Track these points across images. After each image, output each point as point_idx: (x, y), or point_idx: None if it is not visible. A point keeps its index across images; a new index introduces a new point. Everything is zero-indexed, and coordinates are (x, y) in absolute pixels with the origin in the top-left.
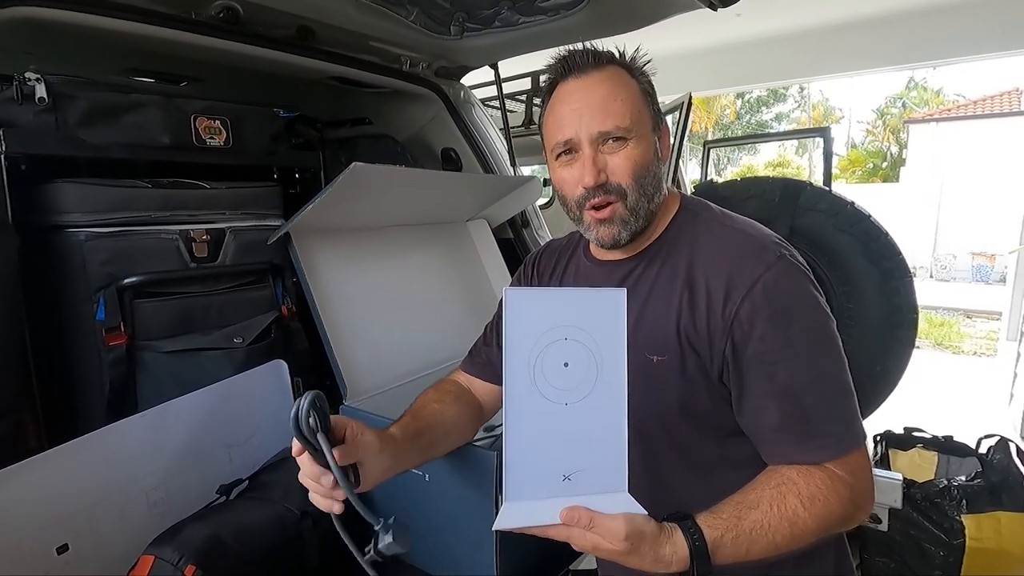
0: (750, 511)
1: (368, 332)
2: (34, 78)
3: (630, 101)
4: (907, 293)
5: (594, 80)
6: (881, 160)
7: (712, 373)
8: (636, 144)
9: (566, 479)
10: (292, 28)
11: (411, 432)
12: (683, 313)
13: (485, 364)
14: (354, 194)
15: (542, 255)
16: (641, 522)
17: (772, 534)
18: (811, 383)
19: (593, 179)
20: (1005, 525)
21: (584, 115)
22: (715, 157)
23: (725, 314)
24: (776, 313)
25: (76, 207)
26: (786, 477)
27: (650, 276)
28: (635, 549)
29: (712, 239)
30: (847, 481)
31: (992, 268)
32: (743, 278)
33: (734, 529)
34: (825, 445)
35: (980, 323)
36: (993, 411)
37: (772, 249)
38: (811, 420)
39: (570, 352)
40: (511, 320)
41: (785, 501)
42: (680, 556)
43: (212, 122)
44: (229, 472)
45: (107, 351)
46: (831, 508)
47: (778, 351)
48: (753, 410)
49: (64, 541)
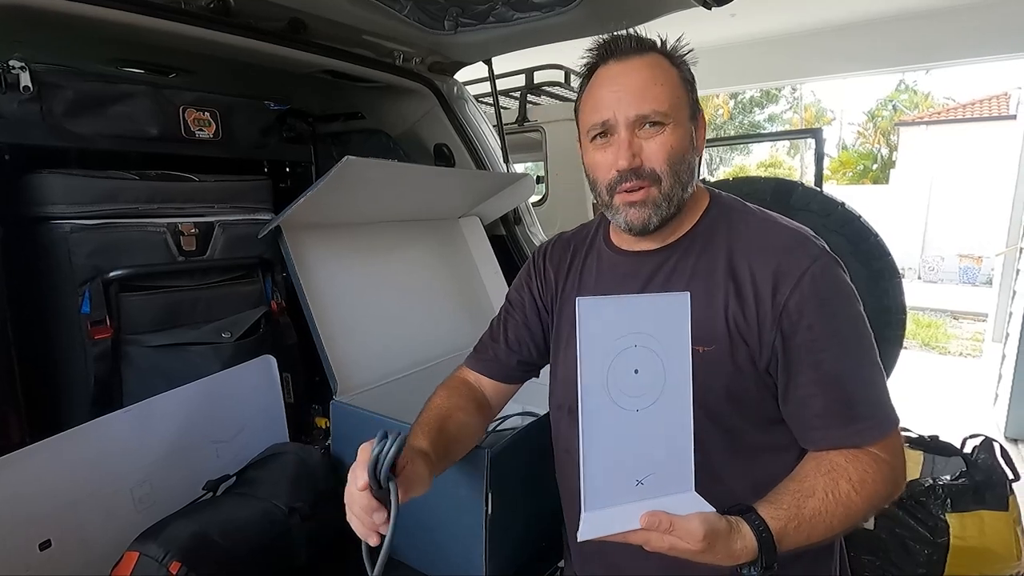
0: (808, 499)
1: (359, 328)
2: (18, 66)
3: (670, 87)
4: (896, 294)
5: (635, 65)
6: (871, 162)
7: (760, 363)
8: (673, 131)
9: (639, 484)
10: (284, 20)
11: (441, 450)
12: (731, 303)
13: (493, 362)
14: (346, 188)
15: (553, 247)
16: (714, 520)
17: (830, 519)
18: (854, 370)
19: (628, 162)
20: (988, 524)
21: (623, 98)
22: (708, 157)
23: (775, 305)
24: (822, 303)
25: (61, 198)
26: (835, 464)
27: (686, 267)
28: (711, 547)
29: (752, 232)
30: (889, 462)
31: (979, 270)
32: (791, 270)
33: (796, 518)
34: (868, 428)
35: (966, 324)
36: (978, 411)
37: (815, 242)
38: (854, 405)
39: (640, 358)
40: (585, 331)
41: (838, 487)
42: (749, 548)
43: (201, 114)
44: (216, 468)
45: (92, 345)
46: (878, 489)
47: (824, 340)
48: (799, 398)
49: (47, 537)
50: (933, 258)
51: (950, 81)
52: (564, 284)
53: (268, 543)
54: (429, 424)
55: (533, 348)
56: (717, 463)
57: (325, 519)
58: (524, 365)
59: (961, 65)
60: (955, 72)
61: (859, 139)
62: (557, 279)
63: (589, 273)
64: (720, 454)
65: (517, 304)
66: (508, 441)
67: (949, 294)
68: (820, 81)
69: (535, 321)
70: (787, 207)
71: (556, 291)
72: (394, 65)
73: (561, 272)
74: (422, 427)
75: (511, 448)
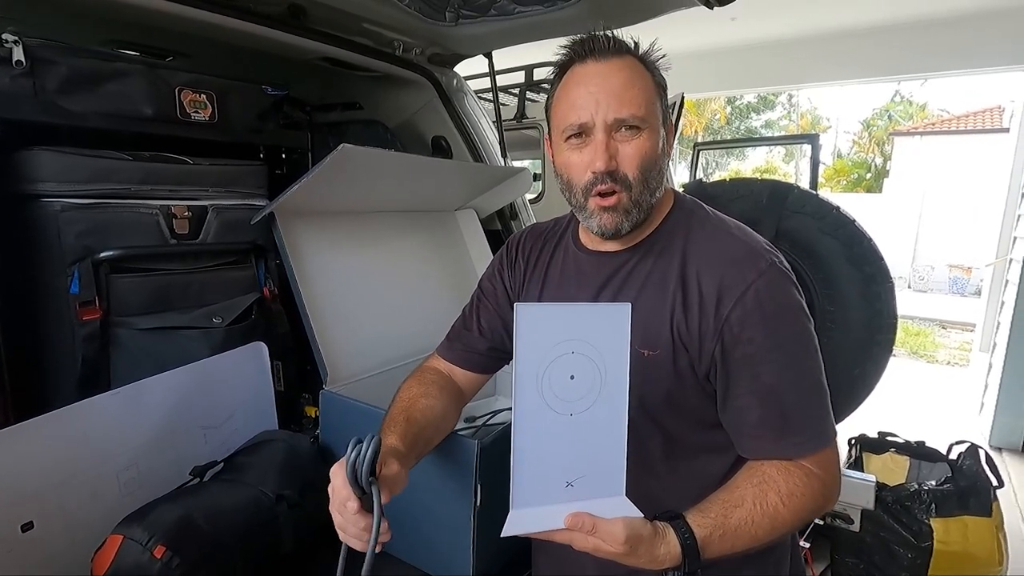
0: (735, 509)
1: (351, 317)
2: (11, 40)
3: (646, 92)
4: (887, 298)
5: (614, 66)
6: (865, 171)
7: (699, 371)
8: (648, 136)
9: (568, 485)
10: (284, 5)
11: (411, 440)
12: (676, 311)
13: (465, 350)
14: (342, 177)
15: (525, 237)
16: (639, 525)
17: (755, 529)
18: (792, 384)
19: (604, 164)
20: (971, 529)
21: (601, 100)
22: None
23: (717, 317)
24: (765, 318)
25: (52, 176)
26: (766, 475)
27: (643, 271)
28: (633, 551)
29: (706, 240)
30: (820, 476)
31: (968, 281)
32: (735, 283)
33: (721, 527)
34: (801, 442)
35: (955, 334)
36: (964, 419)
37: (764, 256)
38: (790, 418)
39: (576, 365)
40: (522, 335)
41: (766, 498)
42: (673, 554)
43: (198, 96)
44: (204, 454)
45: (80, 326)
46: (806, 502)
47: (764, 353)
48: (736, 408)
49: (29, 519)
50: (923, 268)
51: (945, 93)
52: (530, 277)
53: (254, 529)
54: (395, 419)
55: (505, 336)
56: (656, 461)
57: (312, 507)
58: (496, 352)
59: (956, 76)
60: (950, 84)
61: (854, 148)
62: (525, 271)
63: (555, 268)
64: (659, 453)
65: (489, 292)
66: (498, 434)
67: (938, 304)
68: (817, 88)
69: (507, 310)
70: (783, 209)
71: (522, 283)
72: (394, 55)
73: (530, 263)
74: (389, 424)
75: (500, 441)
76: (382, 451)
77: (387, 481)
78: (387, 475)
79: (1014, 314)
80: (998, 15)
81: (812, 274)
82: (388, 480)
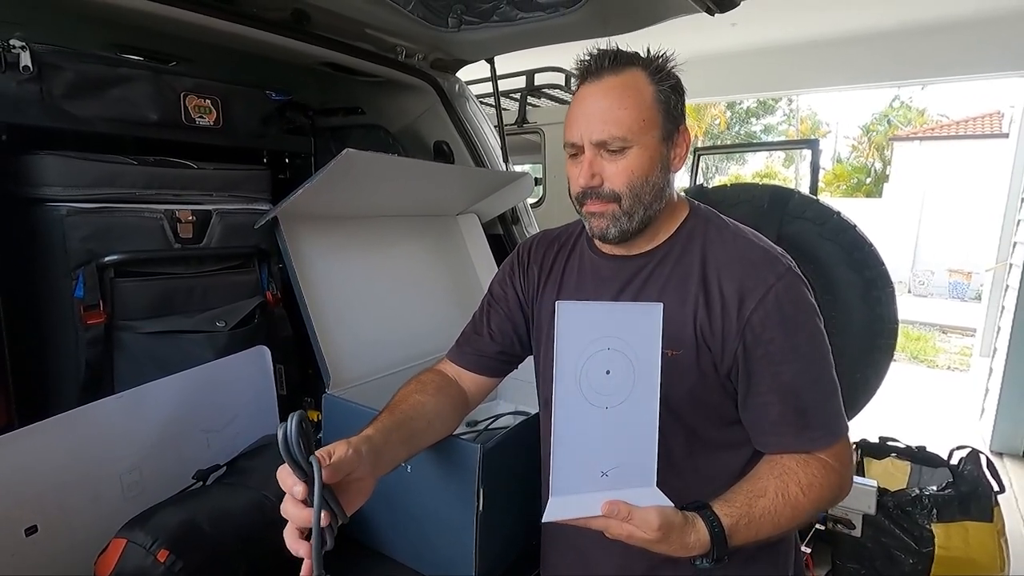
0: (759, 499)
1: (354, 321)
2: (19, 46)
3: (636, 110)
4: (888, 302)
5: (605, 86)
6: (865, 175)
7: (721, 370)
8: (637, 154)
9: (603, 475)
10: (287, 11)
11: (389, 425)
12: (699, 312)
13: (475, 354)
14: (345, 181)
15: (537, 244)
16: (671, 514)
17: (778, 518)
18: (809, 382)
19: (587, 182)
20: (973, 535)
21: (586, 123)
22: (704, 165)
23: (739, 318)
24: (784, 319)
25: (58, 180)
26: (786, 467)
27: (662, 274)
28: (665, 538)
29: (725, 244)
30: (836, 468)
31: (968, 285)
32: (756, 286)
33: (747, 515)
34: (818, 436)
35: (955, 339)
36: (965, 424)
37: (781, 260)
38: (807, 414)
39: (612, 361)
40: (563, 331)
41: (788, 488)
42: (703, 541)
43: (202, 100)
44: (206, 457)
45: (84, 330)
46: (823, 492)
47: (784, 353)
48: (757, 405)
49: (33, 522)
50: (923, 272)
51: (944, 98)
52: (546, 282)
53: (258, 533)
54: (380, 414)
55: (516, 341)
56: (678, 457)
57: None
58: (507, 356)
59: (956, 81)
60: (949, 89)
61: (853, 152)
62: (539, 277)
63: (571, 274)
64: (681, 449)
65: (500, 298)
66: (500, 438)
67: (938, 308)
68: (817, 93)
69: (518, 315)
70: (784, 214)
71: (537, 288)
72: (396, 60)
73: (544, 270)
74: (372, 419)
75: (503, 445)
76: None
77: (335, 464)
78: (336, 459)
79: (1014, 319)
80: (997, 22)
81: (813, 279)
82: (336, 463)
